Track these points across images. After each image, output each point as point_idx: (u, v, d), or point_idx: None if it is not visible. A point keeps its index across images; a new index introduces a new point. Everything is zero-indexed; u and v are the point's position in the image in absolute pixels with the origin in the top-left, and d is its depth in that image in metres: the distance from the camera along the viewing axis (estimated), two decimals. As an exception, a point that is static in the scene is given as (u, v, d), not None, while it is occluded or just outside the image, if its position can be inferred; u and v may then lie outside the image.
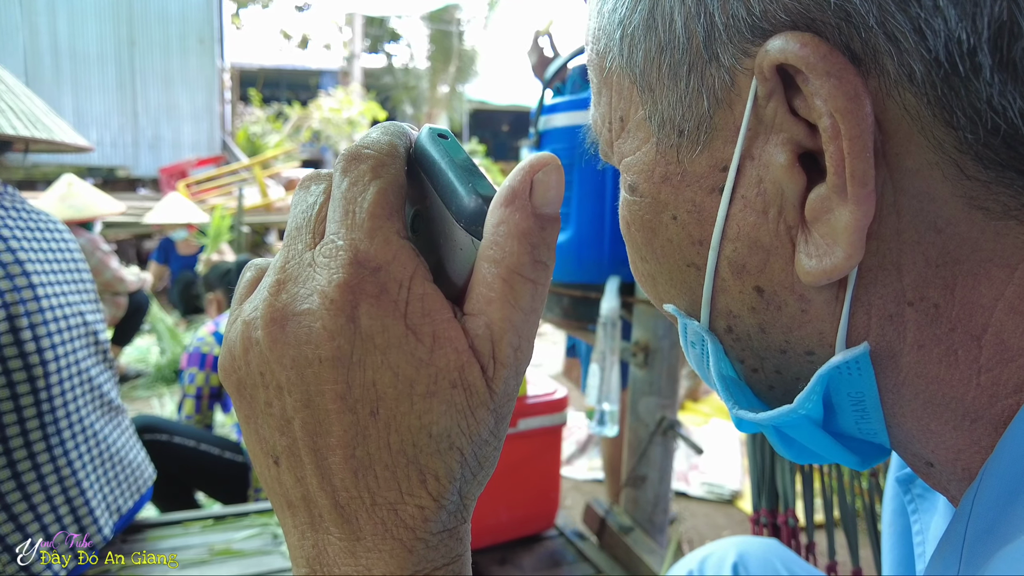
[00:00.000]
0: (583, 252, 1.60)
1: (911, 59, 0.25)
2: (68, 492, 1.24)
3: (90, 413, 1.33)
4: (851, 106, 0.26)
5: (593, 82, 0.36)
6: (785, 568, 0.73)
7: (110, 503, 1.36)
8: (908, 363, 0.30)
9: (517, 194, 0.29)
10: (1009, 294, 0.27)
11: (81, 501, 1.26)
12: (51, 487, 1.22)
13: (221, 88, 10.39)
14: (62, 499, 1.23)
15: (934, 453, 0.32)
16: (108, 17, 9.36)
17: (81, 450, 1.28)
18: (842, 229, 0.27)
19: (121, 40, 9.48)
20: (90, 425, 1.32)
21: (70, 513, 1.24)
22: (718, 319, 0.34)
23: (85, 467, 1.29)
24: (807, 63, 0.26)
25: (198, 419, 2.20)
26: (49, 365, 1.21)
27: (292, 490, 0.30)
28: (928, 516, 0.47)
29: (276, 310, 0.29)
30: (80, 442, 1.28)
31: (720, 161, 0.31)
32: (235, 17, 16.76)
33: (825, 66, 0.26)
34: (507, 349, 0.29)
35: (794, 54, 0.26)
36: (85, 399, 1.32)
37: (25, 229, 1.25)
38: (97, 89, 9.40)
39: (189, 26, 9.95)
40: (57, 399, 1.23)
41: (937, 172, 0.27)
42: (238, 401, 0.31)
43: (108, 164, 9.29)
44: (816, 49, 0.26)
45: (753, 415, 0.34)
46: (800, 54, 0.26)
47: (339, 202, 0.30)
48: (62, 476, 1.23)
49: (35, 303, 1.20)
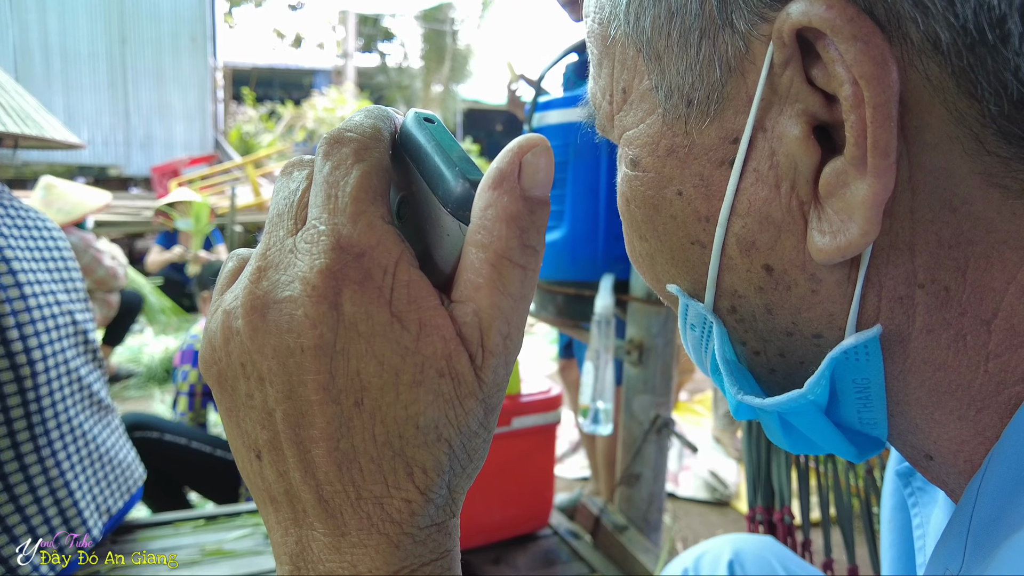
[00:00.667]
0: (577, 250, 1.59)
1: (937, 25, 0.24)
2: (56, 493, 1.23)
3: (79, 412, 1.31)
4: (878, 72, 0.25)
5: (593, 54, 0.35)
6: (781, 565, 0.73)
7: (99, 503, 1.35)
8: (916, 348, 0.29)
9: (505, 176, 0.28)
10: (1021, 278, 0.27)
11: (70, 502, 1.25)
12: (39, 487, 1.20)
13: (214, 87, 10.33)
14: (50, 500, 1.22)
15: (936, 445, 0.31)
16: (99, 15, 9.30)
17: (70, 450, 1.27)
18: (859, 204, 0.26)
19: (112, 38, 9.42)
20: (79, 425, 1.31)
21: (59, 514, 1.23)
22: (722, 299, 0.33)
23: (74, 467, 1.27)
24: (833, 26, 0.25)
25: (191, 416, 2.19)
26: (37, 364, 1.20)
27: (275, 485, 0.29)
28: (928, 509, 0.46)
29: (256, 298, 0.28)
30: (68, 442, 1.27)
31: (731, 133, 0.29)
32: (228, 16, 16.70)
33: (852, 29, 0.24)
34: (496, 337, 0.28)
35: (819, 16, 0.25)
36: (74, 398, 1.30)
37: (12, 227, 1.24)
38: (88, 87, 9.34)
39: (181, 24, 9.90)
40: (45, 398, 1.22)
41: (957, 147, 0.26)
42: (219, 393, 0.30)
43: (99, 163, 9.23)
44: (843, 12, 0.25)
45: (760, 401, 0.32)
46: (826, 16, 0.25)
47: (321, 186, 0.28)
48: (50, 476, 1.22)
49: (22, 301, 1.18)
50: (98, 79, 9.39)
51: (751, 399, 0.33)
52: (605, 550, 1.54)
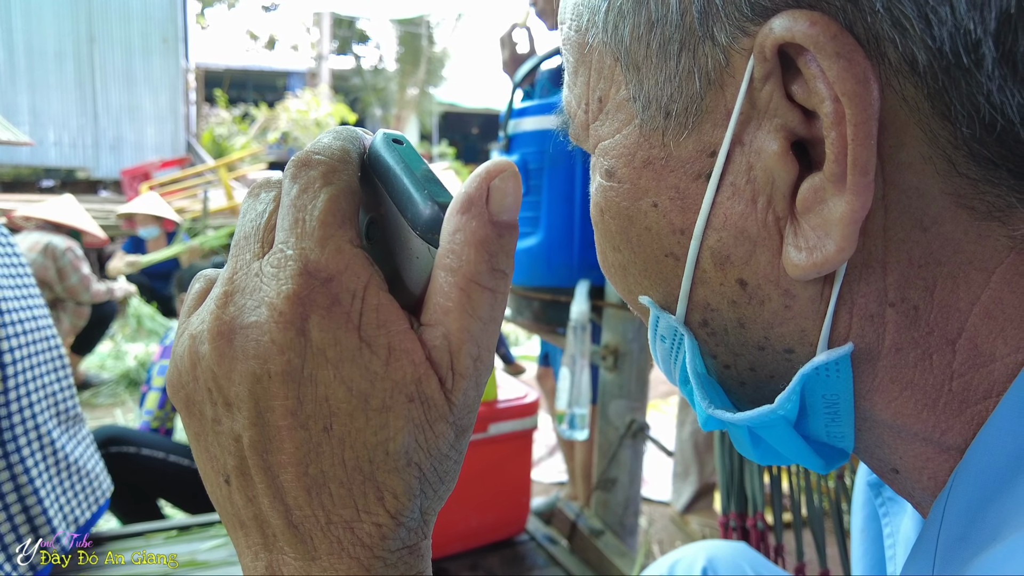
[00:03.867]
0: (553, 256, 1.60)
1: (915, 46, 0.24)
2: (25, 501, 1.20)
3: (47, 420, 1.29)
4: (860, 90, 0.25)
5: (568, 61, 0.35)
6: (753, 571, 0.74)
7: (67, 513, 1.32)
8: (884, 366, 0.29)
9: (473, 201, 0.28)
10: (985, 298, 0.27)
11: (39, 510, 1.22)
12: (7, 495, 1.18)
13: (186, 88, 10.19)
14: (18, 507, 1.19)
15: (901, 460, 0.32)
16: (66, 13, 9.11)
17: (36, 457, 1.25)
18: (836, 220, 0.26)
19: (80, 37, 9.23)
20: (47, 433, 1.28)
21: (27, 522, 1.20)
22: (694, 312, 0.33)
23: (41, 475, 1.25)
24: (815, 42, 0.25)
25: (159, 414, 2.13)
26: (7, 368, 1.17)
27: (244, 510, 0.29)
28: (898, 519, 0.47)
29: (223, 323, 0.27)
30: (36, 449, 1.25)
31: (708, 146, 0.29)
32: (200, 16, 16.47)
33: (835, 46, 0.25)
34: (466, 360, 0.28)
35: (802, 33, 0.25)
36: (42, 405, 1.28)
37: None
38: (55, 87, 9.14)
39: (152, 25, 9.74)
40: (13, 404, 1.19)
41: (930, 167, 0.26)
42: (187, 418, 0.30)
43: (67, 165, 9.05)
44: (826, 28, 0.25)
45: (731, 416, 0.32)
46: (809, 32, 0.25)
47: (288, 209, 0.28)
48: (19, 484, 1.19)
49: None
50: (65, 79, 9.20)
51: (721, 413, 0.33)
52: (582, 555, 1.55)
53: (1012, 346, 0.27)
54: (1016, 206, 0.26)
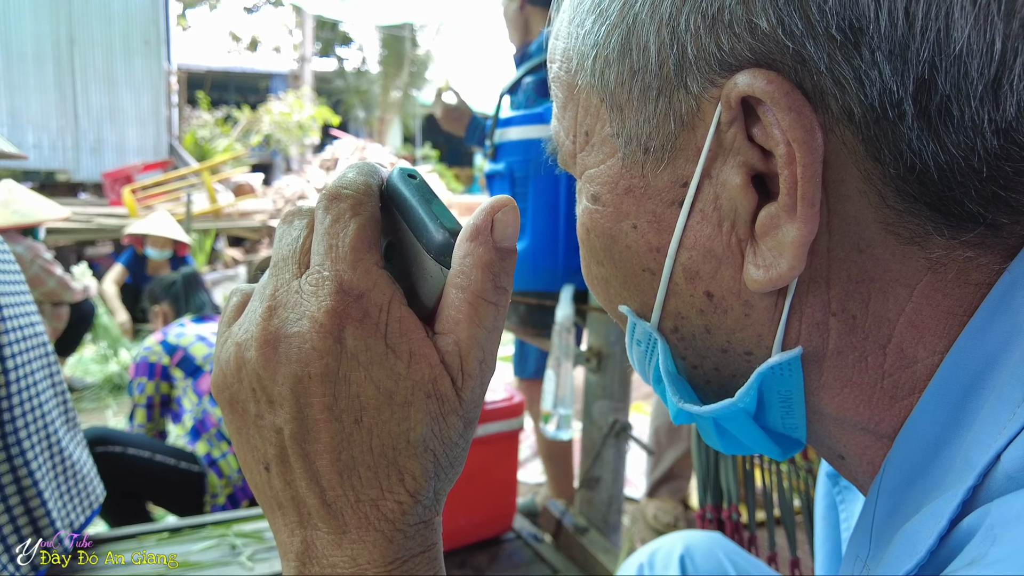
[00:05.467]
0: (538, 262, 1.65)
1: (851, 101, 0.29)
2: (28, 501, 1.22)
3: (54, 420, 1.31)
4: (807, 137, 0.30)
5: (558, 96, 0.40)
6: (727, 558, 0.78)
7: (66, 514, 1.35)
8: (829, 367, 0.34)
9: (480, 231, 0.34)
10: (909, 310, 0.32)
11: (42, 512, 1.24)
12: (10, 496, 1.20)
13: (168, 90, 10.10)
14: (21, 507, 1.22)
15: (845, 448, 0.37)
16: (45, 13, 8.99)
17: (42, 459, 1.26)
18: (788, 244, 0.31)
19: (60, 38, 9.12)
20: (54, 432, 1.30)
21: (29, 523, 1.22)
22: (666, 320, 0.38)
23: (45, 476, 1.27)
24: (771, 97, 0.30)
25: (151, 427, 2.16)
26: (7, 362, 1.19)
27: (282, 492, 0.34)
28: (853, 506, 0.52)
29: (269, 333, 0.33)
30: (41, 451, 1.27)
31: (681, 177, 0.34)
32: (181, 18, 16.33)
33: (787, 101, 0.30)
34: (473, 362, 0.34)
35: (760, 88, 0.30)
36: (49, 405, 1.30)
37: None
38: (34, 89, 9.02)
39: (133, 26, 9.65)
40: (14, 398, 1.21)
41: (864, 199, 0.31)
42: (230, 415, 0.35)
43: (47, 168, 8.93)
44: (780, 86, 0.30)
45: (698, 408, 0.38)
46: (766, 89, 0.30)
47: (323, 237, 0.34)
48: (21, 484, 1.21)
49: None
50: (44, 80, 9.09)
51: (690, 407, 0.38)
52: (567, 551, 1.59)
53: (930, 350, 0.32)
54: (932, 233, 0.31)
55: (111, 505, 1.87)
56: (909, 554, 0.29)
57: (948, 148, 0.29)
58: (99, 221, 5.90)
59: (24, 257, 3.36)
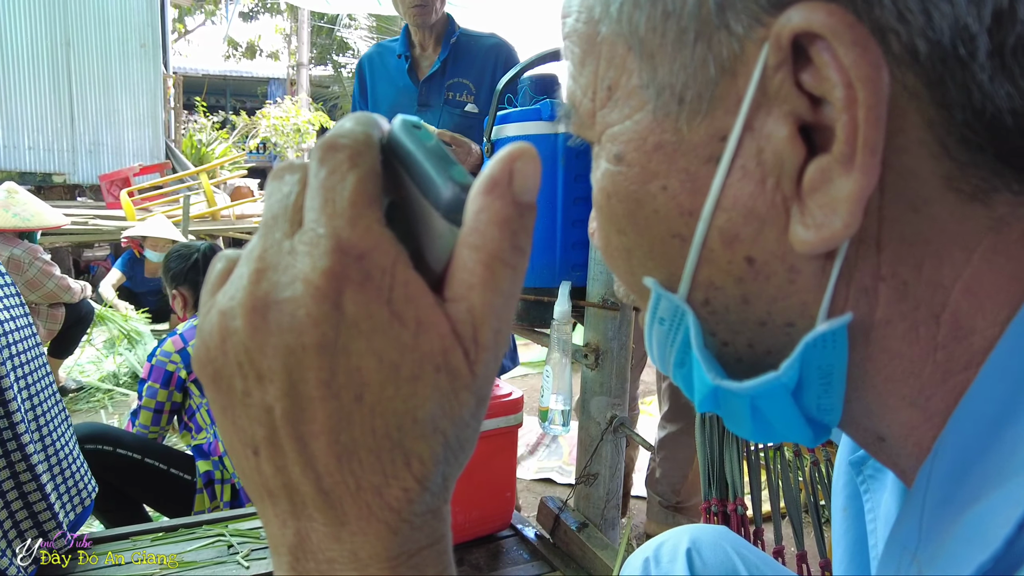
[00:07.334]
0: (536, 258, 1.64)
1: (917, 38, 0.26)
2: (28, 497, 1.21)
3: (53, 417, 1.30)
4: (873, 75, 0.26)
5: (574, 53, 0.36)
6: (735, 552, 0.76)
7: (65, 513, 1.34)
8: (876, 337, 0.31)
9: (497, 182, 0.29)
10: (966, 276, 0.29)
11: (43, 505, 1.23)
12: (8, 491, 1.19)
13: (165, 94, 10.09)
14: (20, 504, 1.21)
15: (889, 428, 0.34)
16: (41, 16, 8.95)
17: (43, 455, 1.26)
18: (843, 198, 0.28)
19: (56, 41, 9.09)
20: (53, 430, 1.30)
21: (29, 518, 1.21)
22: (696, 291, 0.34)
23: (46, 472, 1.26)
24: (833, 31, 0.26)
25: (154, 431, 2.09)
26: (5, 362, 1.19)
27: (272, 479, 0.29)
28: (879, 495, 0.48)
29: (257, 298, 0.28)
30: (40, 448, 1.26)
31: (719, 131, 0.31)
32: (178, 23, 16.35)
33: (851, 35, 0.26)
34: (488, 333, 0.29)
35: (820, 22, 0.26)
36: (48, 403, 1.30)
37: None
38: (30, 91, 8.97)
39: (130, 30, 9.62)
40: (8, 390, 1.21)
41: (924, 150, 0.28)
42: (214, 393, 0.30)
43: (43, 170, 8.91)
44: (843, 19, 0.26)
45: (737, 385, 0.34)
46: (826, 22, 0.26)
47: (318, 191, 0.29)
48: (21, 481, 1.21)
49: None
50: (40, 83, 9.06)
51: (729, 383, 0.34)
52: (565, 548, 1.58)
53: (990, 320, 0.29)
54: (998, 188, 0.28)
55: (104, 503, 1.85)
56: (979, 545, 0.27)
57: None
58: (97, 224, 5.87)
59: (23, 259, 3.35)
